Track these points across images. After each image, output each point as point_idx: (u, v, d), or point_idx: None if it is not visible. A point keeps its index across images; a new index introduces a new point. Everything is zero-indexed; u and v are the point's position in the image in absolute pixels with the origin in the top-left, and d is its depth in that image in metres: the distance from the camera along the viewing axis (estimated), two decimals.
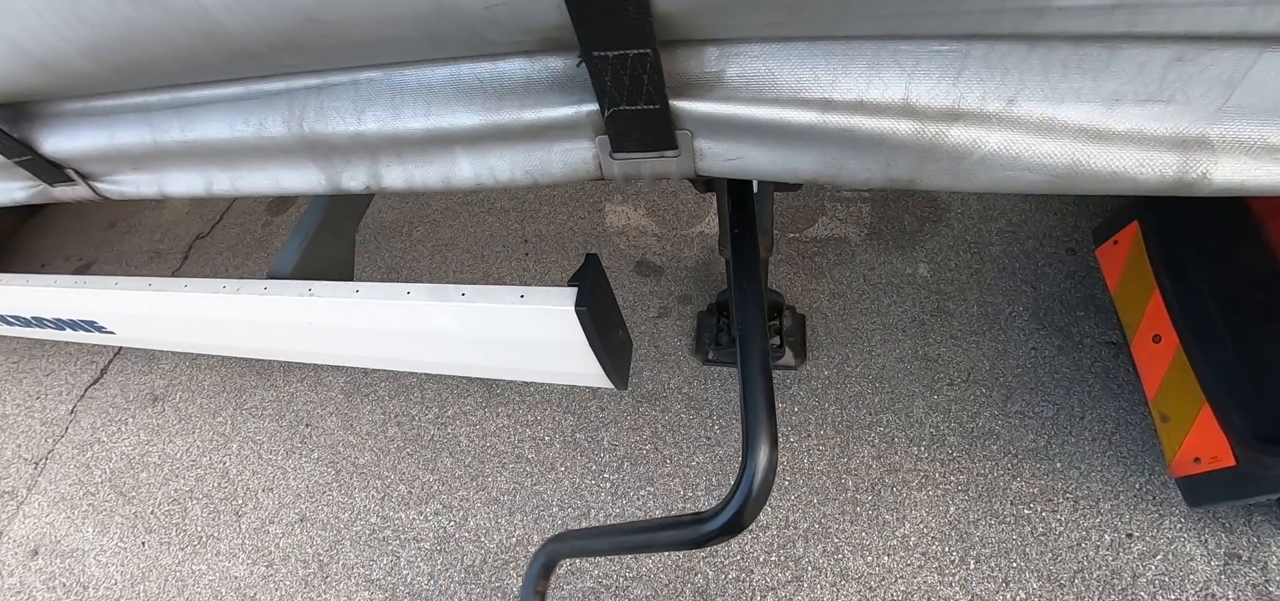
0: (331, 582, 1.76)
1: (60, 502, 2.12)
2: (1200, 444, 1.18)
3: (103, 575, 1.94)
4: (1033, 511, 1.53)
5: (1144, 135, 0.48)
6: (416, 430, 1.99)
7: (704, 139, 0.58)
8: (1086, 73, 0.46)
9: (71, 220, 3.19)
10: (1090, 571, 1.44)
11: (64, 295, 1.37)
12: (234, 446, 2.10)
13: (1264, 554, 1.41)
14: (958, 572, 1.48)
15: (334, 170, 0.73)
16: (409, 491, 1.87)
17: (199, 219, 2.93)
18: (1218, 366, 1.14)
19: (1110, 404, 1.64)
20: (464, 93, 0.61)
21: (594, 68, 0.51)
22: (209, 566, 1.86)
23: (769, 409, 0.67)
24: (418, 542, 1.78)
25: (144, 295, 1.27)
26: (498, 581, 1.68)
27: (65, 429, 2.32)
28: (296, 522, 1.89)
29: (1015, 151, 0.50)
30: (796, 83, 0.51)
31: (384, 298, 1.09)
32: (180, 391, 2.30)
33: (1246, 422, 1.08)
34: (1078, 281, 1.86)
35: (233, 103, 0.72)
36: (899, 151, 0.52)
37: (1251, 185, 0.48)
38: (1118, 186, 0.50)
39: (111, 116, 0.80)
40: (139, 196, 0.89)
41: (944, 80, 0.48)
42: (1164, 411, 1.29)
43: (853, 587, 1.50)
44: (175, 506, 2.01)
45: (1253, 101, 0.45)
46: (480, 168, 0.66)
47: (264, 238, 2.74)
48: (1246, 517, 1.45)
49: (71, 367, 2.50)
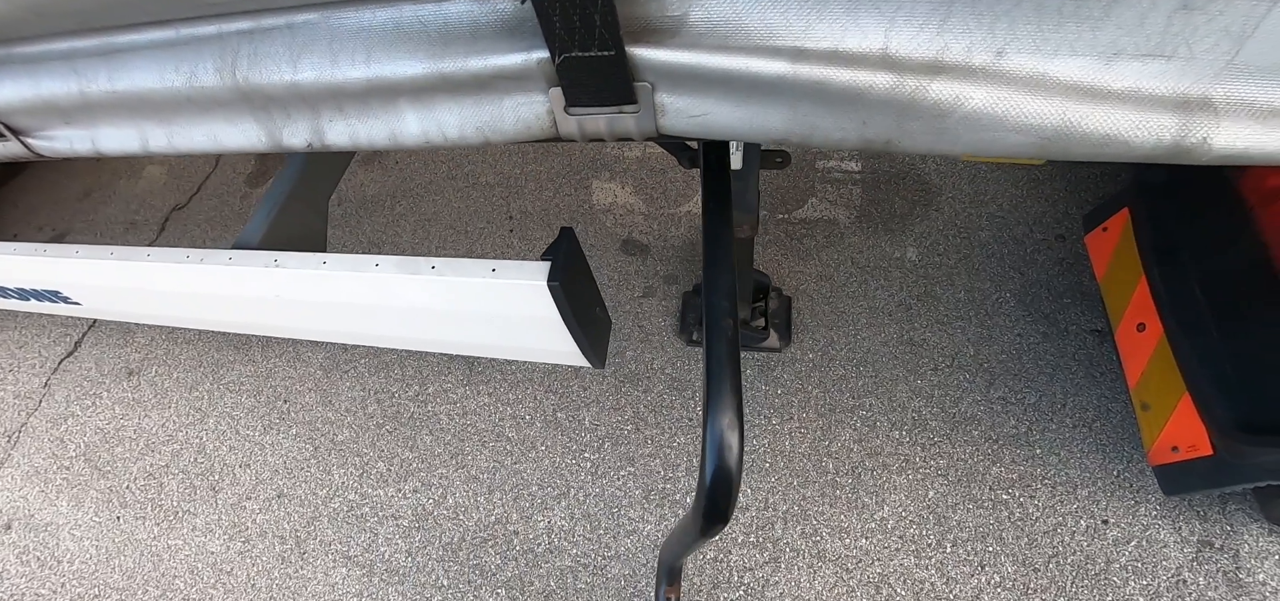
0: (308, 559, 1.75)
1: (34, 476, 2.09)
2: (1179, 433, 1.18)
3: (77, 549, 1.91)
4: (1011, 496, 1.53)
5: (1142, 94, 0.44)
6: (396, 407, 1.96)
7: (666, 92, 0.53)
8: (1084, 21, 0.42)
9: (44, 190, 3.10)
10: (1065, 556, 1.45)
11: (25, 263, 1.32)
12: (211, 421, 2.07)
13: (1236, 541, 1.43)
14: (934, 555, 1.49)
15: (273, 125, 0.67)
16: (388, 468, 1.85)
17: (176, 189, 2.86)
18: (1200, 356, 1.13)
19: (1092, 391, 1.64)
20: (406, 38, 0.56)
21: (541, 7, 0.46)
22: (184, 541, 1.85)
23: (737, 402, 0.64)
24: (396, 520, 1.77)
25: (107, 265, 1.22)
26: (476, 559, 1.67)
27: (39, 402, 2.28)
28: (274, 498, 1.87)
29: (1002, 110, 0.46)
30: (766, 29, 0.47)
31: (352, 270, 1.05)
32: (156, 365, 2.25)
33: (1225, 412, 1.07)
34: (1066, 268, 1.85)
35: (162, 48, 0.66)
36: (876, 108, 0.48)
37: (1254, 152, 0.44)
38: (1109, 151, 0.46)
39: (36, 64, 0.74)
40: (72, 154, 0.84)
41: (927, 28, 0.44)
42: (1145, 400, 1.28)
43: (829, 569, 1.51)
44: (151, 481, 1.99)
45: (1262, 58, 0.41)
46: (428, 123, 0.61)
47: (243, 210, 2.67)
48: (1221, 506, 1.46)
49: (45, 340, 2.45)
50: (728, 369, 0.64)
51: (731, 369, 0.64)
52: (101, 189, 2.99)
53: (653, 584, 1.57)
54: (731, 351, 0.65)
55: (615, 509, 1.68)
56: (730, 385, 0.63)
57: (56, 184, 3.11)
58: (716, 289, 0.73)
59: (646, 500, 1.68)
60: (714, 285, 0.73)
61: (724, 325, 0.67)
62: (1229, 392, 1.08)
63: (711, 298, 0.72)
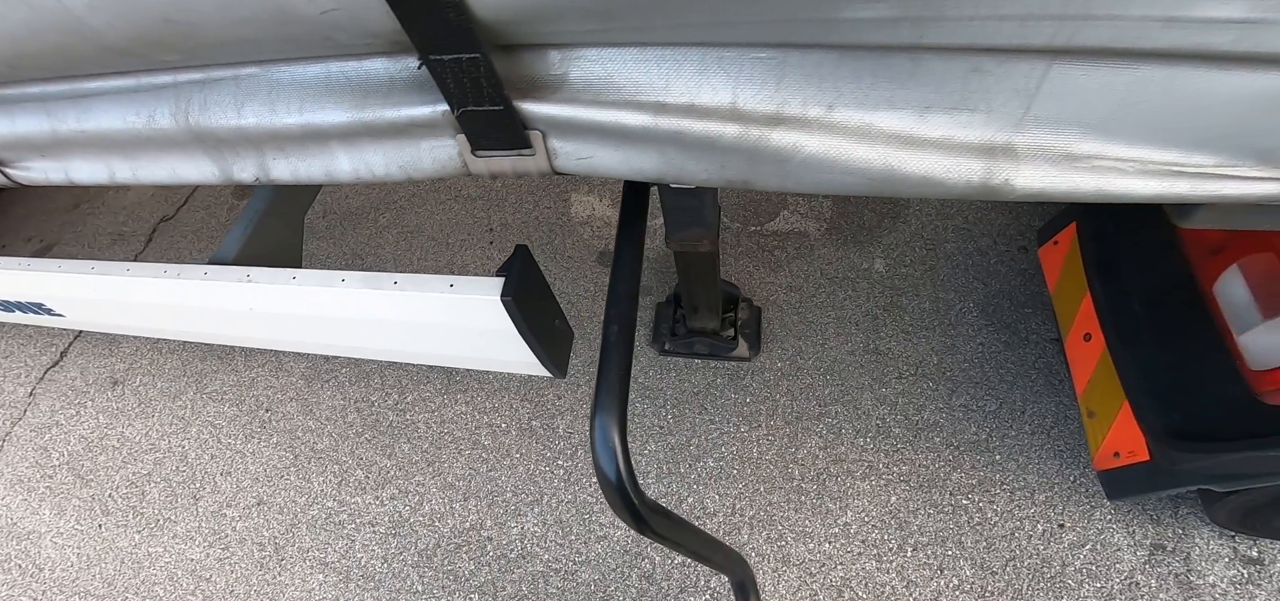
0: (287, 565, 1.78)
1: (17, 485, 2.11)
2: (1120, 439, 1.22)
3: (59, 557, 1.94)
4: (971, 501, 1.58)
5: (953, 142, 0.50)
6: (375, 416, 2.00)
7: (555, 139, 0.60)
8: (895, 81, 0.48)
9: (33, 202, 3.13)
10: (1022, 560, 1.49)
11: (10, 277, 1.36)
12: (193, 430, 2.10)
13: (1187, 545, 1.47)
14: (895, 560, 1.53)
15: (225, 162, 0.74)
16: (366, 476, 1.89)
17: (164, 202, 2.90)
18: (1137, 365, 1.18)
19: (1051, 399, 1.69)
20: (334, 91, 0.63)
21: (434, 70, 0.53)
22: (165, 548, 1.87)
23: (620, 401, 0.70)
24: (373, 526, 1.80)
25: (88, 278, 1.26)
26: (450, 565, 1.70)
27: (23, 411, 2.31)
28: (254, 506, 1.90)
29: (834, 155, 0.52)
30: (633, 86, 0.53)
31: (320, 284, 1.10)
32: (141, 375, 2.29)
33: (1160, 419, 1.11)
34: (1027, 279, 1.90)
35: (124, 95, 0.73)
36: (729, 153, 0.55)
37: (1051, 191, 0.50)
38: (929, 191, 0.52)
39: (12, 105, 0.81)
40: (47, 183, 0.91)
41: (766, 86, 0.50)
42: (1091, 407, 1.33)
43: (794, 573, 1.54)
44: (133, 489, 2.01)
45: (1050, 112, 0.47)
46: (358, 162, 0.68)
47: (229, 221, 2.71)
48: (1173, 509, 1.50)
49: (30, 350, 2.48)
50: (616, 366, 0.70)
51: (619, 367, 0.71)
52: (90, 201, 3.02)
53: (623, 589, 1.60)
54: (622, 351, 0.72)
55: (587, 515, 1.71)
56: (617, 376, 0.69)
57: (46, 196, 3.15)
58: (616, 293, 0.80)
59: None
60: (615, 290, 0.81)
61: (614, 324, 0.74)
62: (1163, 402, 1.12)
63: (611, 294, 0.82)
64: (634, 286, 0.88)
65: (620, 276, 0.86)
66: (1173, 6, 0.39)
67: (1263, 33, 0.39)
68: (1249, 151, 0.46)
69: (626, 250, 0.92)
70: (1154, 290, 1.18)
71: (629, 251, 0.92)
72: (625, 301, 0.82)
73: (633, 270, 0.90)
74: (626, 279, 0.86)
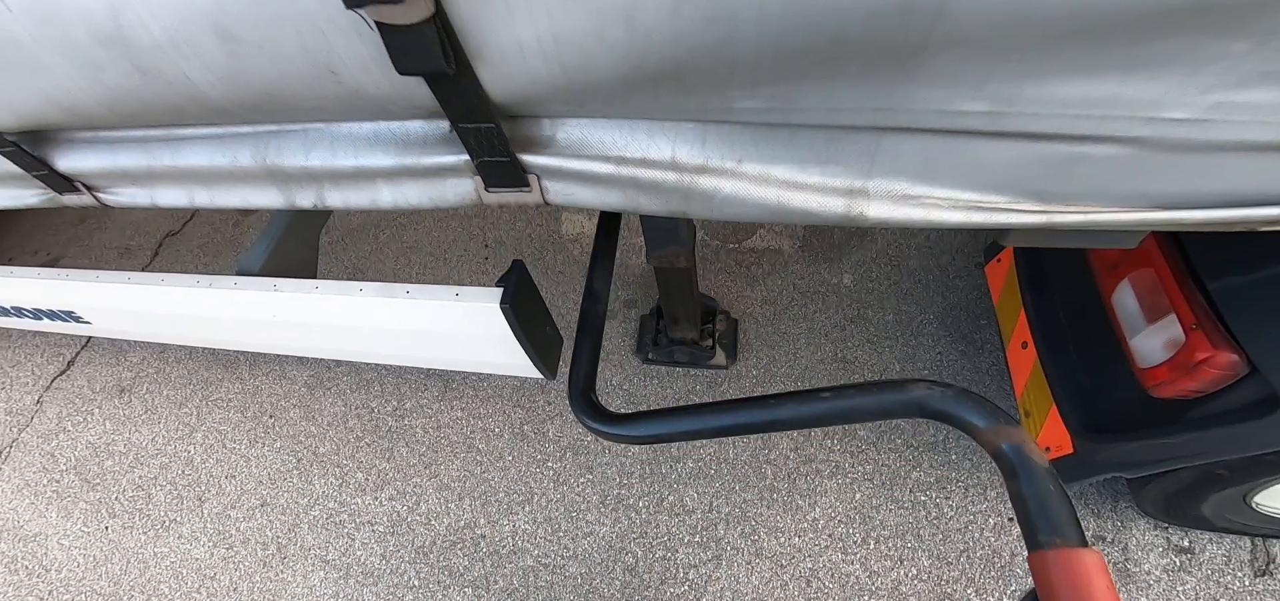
0: (289, 563, 1.87)
1: (24, 489, 2.19)
2: (1050, 435, 1.37)
3: (65, 558, 2.01)
4: (929, 498, 1.71)
5: (823, 186, 0.69)
6: (375, 421, 2.11)
7: (547, 180, 0.82)
8: (780, 144, 0.68)
9: (40, 215, 3.23)
10: (975, 551, 1.63)
11: (46, 286, 1.46)
12: (199, 436, 2.19)
13: (1125, 536, 1.61)
14: (859, 552, 1.66)
15: (289, 192, 0.94)
16: (366, 478, 1.99)
17: (170, 217, 3.01)
18: (1061, 370, 1.33)
19: (1003, 403, 1.84)
20: (381, 142, 0.83)
21: (461, 133, 0.74)
22: (171, 549, 1.96)
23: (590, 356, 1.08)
24: (372, 526, 1.90)
25: (124, 288, 1.37)
26: (445, 560, 1.80)
27: (30, 418, 2.39)
28: (257, 507, 1.99)
29: (743, 195, 0.72)
30: (601, 145, 0.74)
31: (339, 294, 1.23)
32: (147, 383, 2.38)
33: (1078, 416, 1.27)
34: (983, 293, 2.06)
35: (213, 140, 0.92)
36: (670, 192, 0.75)
37: (893, 220, 0.69)
38: (808, 219, 0.70)
39: (115, 145, 0.99)
40: (134, 206, 1.08)
41: (695, 146, 0.71)
42: (1027, 408, 1.48)
43: (766, 565, 1.66)
44: (139, 492, 2.10)
45: (886, 166, 0.67)
46: (396, 195, 0.89)
47: (234, 237, 2.83)
48: (1113, 504, 1.65)
49: (37, 359, 2.56)
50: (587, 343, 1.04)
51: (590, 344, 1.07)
52: (96, 216, 3.13)
53: (608, 581, 1.71)
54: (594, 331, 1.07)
55: (574, 513, 1.83)
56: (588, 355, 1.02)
57: (54, 210, 3.25)
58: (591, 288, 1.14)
59: (603, 504, 1.83)
60: (590, 284, 1.15)
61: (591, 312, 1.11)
62: (1080, 400, 1.27)
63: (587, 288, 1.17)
64: (607, 280, 1.18)
65: (597, 268, 1.18)
66: (943, 102, 0.58)
67: (1004, 120, 0.58)
68: (1026, 193, 0.65)
69: (601, 257, 1.21)
70: (1073, 303, 1.34)
71: (603, 261, 1.20)
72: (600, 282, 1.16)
73: (606, 267, 1.19)
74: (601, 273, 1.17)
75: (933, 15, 0.49)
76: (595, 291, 1.18)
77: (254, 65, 0.69)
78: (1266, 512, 1.34)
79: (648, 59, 0.59)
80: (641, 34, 0.56)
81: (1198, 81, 0.51)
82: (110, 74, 0.75)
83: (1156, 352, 1.04)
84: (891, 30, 0.51)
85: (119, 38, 0.69)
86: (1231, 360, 0.94)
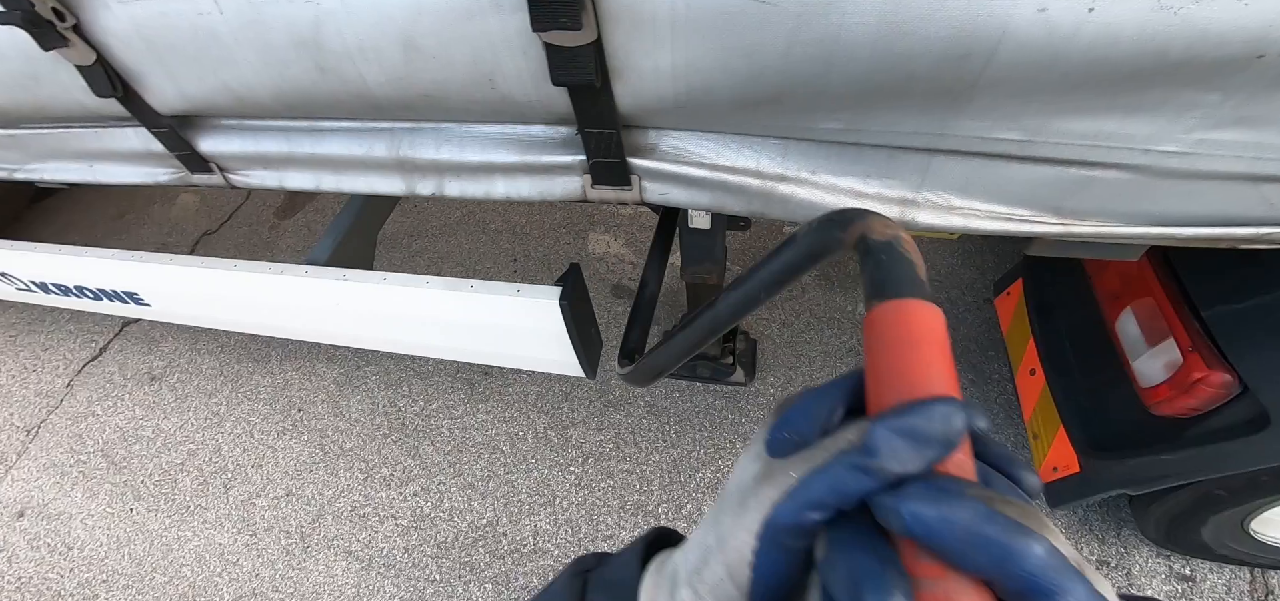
0: (312, 552, 1.91)
1: (50, 469, 2.23)
2: (1057, 456, 1.45)
3: (88, 537, 2.04)
4: None
5: (882, 195, 0.84)
6: (402, 419, 2.17)
7: (646, 181, 0.95)
8: (848, 160, 0.82)
9: (78, 209, 3.35)
10: None
11: (116, 266, 1.54)
12: (227, 426, 2.25)
13: (1129, 562, 1.67)
14: None
15: (412, 180, 1.08)
16: (391, 474, 2.04)
17: (207, 216, 3.12)
18: (1068, 393, 1.43)
19: (1010, 429, 1.92)
20: (506, 141, 0.97)
21: (585, 137, 0.88)
22: (195, 533, 1.99)
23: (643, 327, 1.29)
24: (395, 520, 1.94)
25: (196, 271, 1.45)
26: (467, 557, 1.84)
27: (60, 401, 2.44)
28: (282, 497, 2.04)
29: (815, 200, 0.86)
30: (698, 154, 0.88)
31: (406, 285, 1.32)
32: (178, 373, 2.44)
33: (1084, 436, 1.35)
34: (990, 327, 2.17)
35: (352, 132, 1.06)
36: (753, 196, 0.89)
37: (938, 227, 0.81)
38: None
39: (258, 132, 1.12)
40: (263, 187, 1.20)
41: (776, 158, 0.85)
42: (1035, 431, 1.57)
43: None
44: (166, 477, 2.14)
45: (935, 181, 0.81)
46: (510, 187, 1.02)
47: (272, 239, 2.94)
48: (1115, 530, 1.72)
49: (70, 344, 2.63)
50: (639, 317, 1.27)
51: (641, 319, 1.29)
52: (135, 212, 3.24)
53: None
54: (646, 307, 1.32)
55: (595, 516, 1.88)
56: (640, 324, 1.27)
57: (91, 204, 3.37)
58: (644, 278, 1.33)
59: (623, 509, 1.89)
60: (645, 275, 1.33)
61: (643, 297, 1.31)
62: (1085, 421, 1.37)
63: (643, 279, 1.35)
64: (659, 274, 1.34)
65: (651, 265, 1.35)
66: (984, 130, 0.72)
67: (1032, 147, 0.72)
68: (1046, 208, 0.79)
69: (656, 255, 1.36)
70: (1078, 330, 1.44)
71: (657, 258, 1.34)
72: (653, 275, 1.32)
73: (659, 264, 1.34)
74: (655, 269, 1.33)
75: (984, 62, 0.62)
76: (649, 281, 1.34)
77: (425, 71, 0.82)
78: (1264, 540, 1.42)
79: (758, 87, 0.72)
80: (759, 66, 0.69)
81: (1183, 122, 0.64)
82: (293, 70, 0.87)
83: (1157, 373, 1.14)
84: (951, 73, 0.64)
85: (313, 42, 0.82)
86: (1225, 380, 1.04)
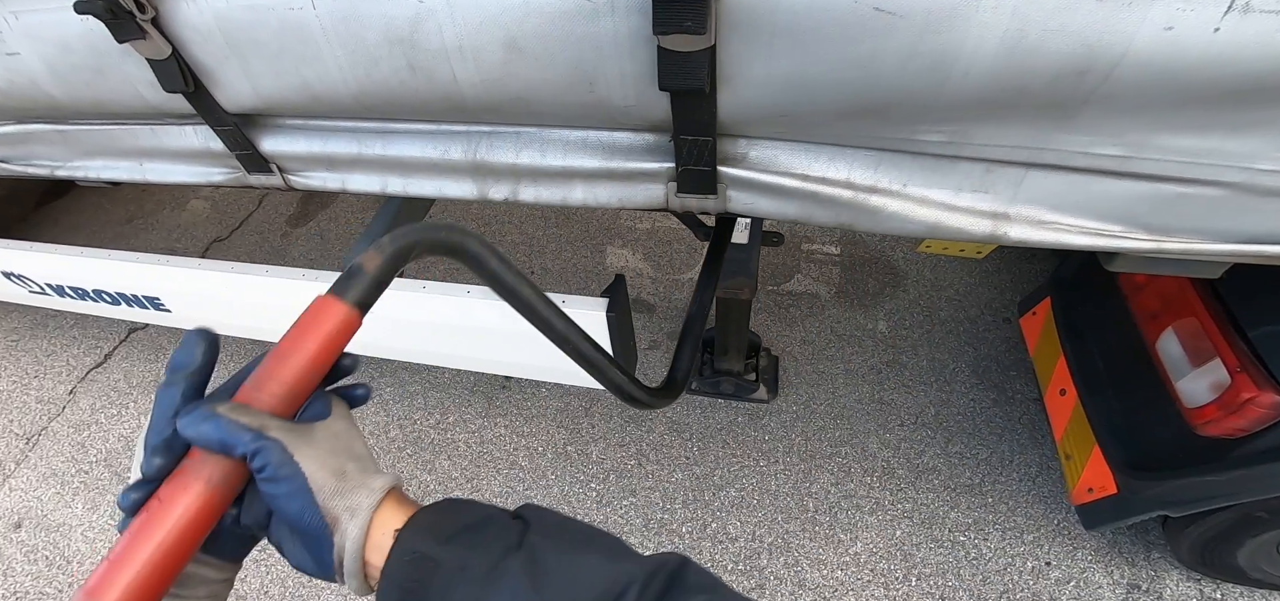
0: None
1: (50, 478, 2.16)
2: (1092, 477, 1.44)
3: (88, 550, 1.97)
4: (967, 538, 1.76)
5: (974, 209, 0.82)
6: (418, 433, 2.13)
7: (733, 190, 0.92)
8: (941, 173, 0.81)
9: (86, 212, 3.30)
10: (1014, 593, 1.66)
11: (140, 271, 1.50)
12: None
13: (1160, 585, 1.66)
14: (901, 588, 1.68)
15: (485, 185, 1.02)
16: (405, 487, 1.99)
17: (218, 223, 3.09)
18: (1103, 412, 1.42)
19: (1035, 450, 1.91)
20: (588, 147, 0.93)
21: (679, 144, 0.85)
22: None
23: (692, 351, 1.27)
24: None
25: (223, 277, 1.40)
26: None
27: (62, 408, 2.37)
28: None
29: (906, 213, 0.84)
30: (788, 164, 0.87)
31: (445, 294, 1.30)
32: None
33: (1123, 456, 1.35)
34: (1011, 346, 2.18)
35: (427, 134, 1.00)
36: (843, 207, 0.87)
37: (1029, 241, 0.81)
38: (960, 237, 0.82)
39: (326, 132, 1.06)
40: (322, 189, 1.15)
41: (868, 169, 0.84)
42: (1067, 451, 1.56)
43: (809, 596, 1.68)
44: None
45: (1028, 195, 0.80)
46: (589, 194, 0.98)
47: (283, 247, 2.90)
48: (1145, 553, 1.70)
49: (74, 351, 2.57)
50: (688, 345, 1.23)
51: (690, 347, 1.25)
52: (145, 216, 3.20)
53: None
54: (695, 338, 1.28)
55: (617, 534, 1.84)
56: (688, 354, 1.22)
57: (100, 207, 3.32)
58: (697, 300, 1.31)
59: (646, 528, 1.85)
60: (698, 296, 1.31)
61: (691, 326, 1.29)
62: (1124, 441, 1.36)
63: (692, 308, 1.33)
64: (709, 301, 1.28)
65: (704, 284, 1.29)
66: (1086, 145, 0.72)
67: (1131, 163, 0.72)
68: (1137, 224, 0.78)
69: (707, 277, 1.29)
70: (1113, 350, 1.45)
71: (708, 282, 1.28)
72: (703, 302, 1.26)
73: (709, 288, 1.28)
74: (707, 286, 1.27)
75: (1102, 78, 0.62)
76: (702, 304, 1.31)
77: (522, 72, 0.78)
78: None
79: (867, 97, 0.70)
80: (872, 76, 0.67)
81: None
82: (382, 69, 0.83)
83: (1202, 394, 1.13)
84: (1067, 88, 0.63)
85: (408, 40, 0.78)
86: (1275, 400, 1.04)
